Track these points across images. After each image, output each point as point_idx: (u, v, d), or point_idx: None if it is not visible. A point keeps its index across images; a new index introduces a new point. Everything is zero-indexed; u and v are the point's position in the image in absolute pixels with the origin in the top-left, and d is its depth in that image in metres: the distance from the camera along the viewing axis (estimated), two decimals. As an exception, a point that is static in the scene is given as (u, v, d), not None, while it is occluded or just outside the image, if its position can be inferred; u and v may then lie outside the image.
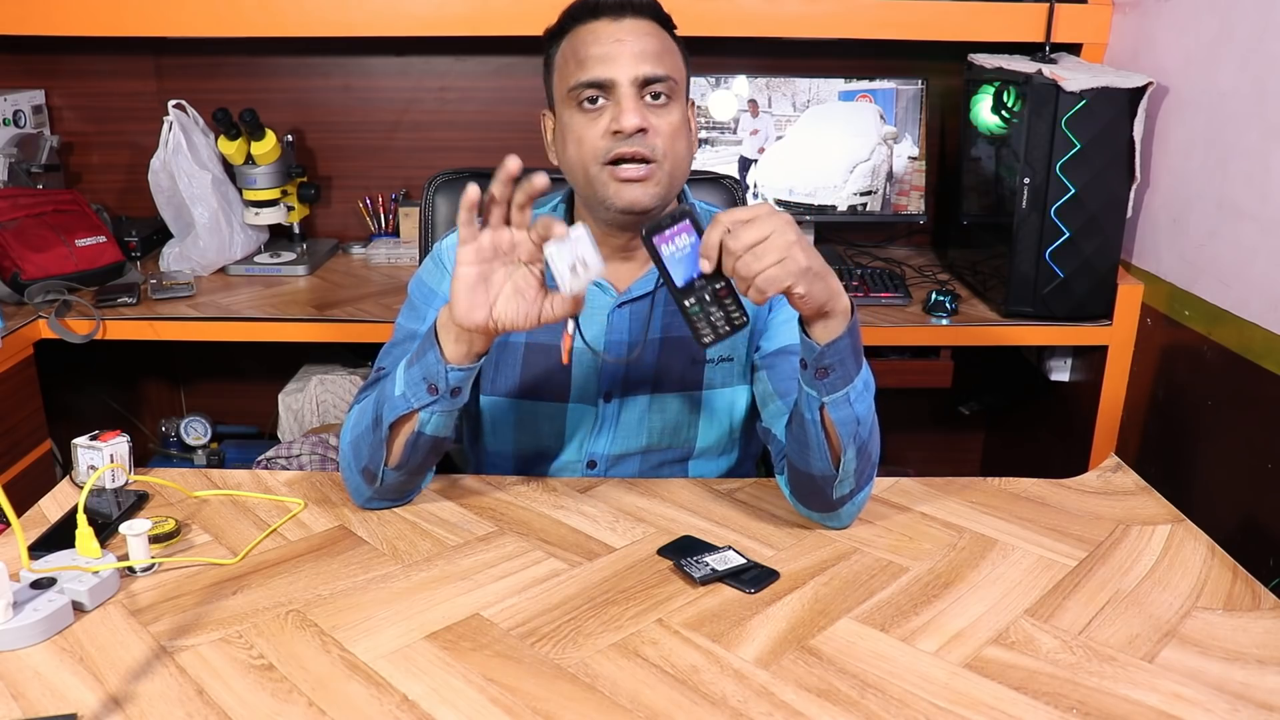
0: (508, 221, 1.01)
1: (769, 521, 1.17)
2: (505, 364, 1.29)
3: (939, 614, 0.99)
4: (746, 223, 0.96)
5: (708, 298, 0.98)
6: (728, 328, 0.99)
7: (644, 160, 1.14)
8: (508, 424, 1.31)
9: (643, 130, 1.13)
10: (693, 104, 1.25)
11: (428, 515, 1.17)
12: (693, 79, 2.24)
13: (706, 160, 2.28)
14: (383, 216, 2.47)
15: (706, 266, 0.97)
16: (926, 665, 0.91)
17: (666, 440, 1.30)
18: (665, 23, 1.20)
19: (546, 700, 0.86)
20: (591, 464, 1.31)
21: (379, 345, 1.28)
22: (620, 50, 1.14)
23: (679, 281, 0.98)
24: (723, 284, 0.98)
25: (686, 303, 0.99)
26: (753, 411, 1.31)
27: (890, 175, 2.30)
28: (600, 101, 1.15)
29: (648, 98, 1.15)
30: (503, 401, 1.30)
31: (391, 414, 1.10)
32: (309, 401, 2.38)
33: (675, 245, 0.98)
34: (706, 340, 1.00)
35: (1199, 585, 1.05)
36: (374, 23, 2.10)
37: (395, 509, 1.18)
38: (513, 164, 0.98)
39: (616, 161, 1.14)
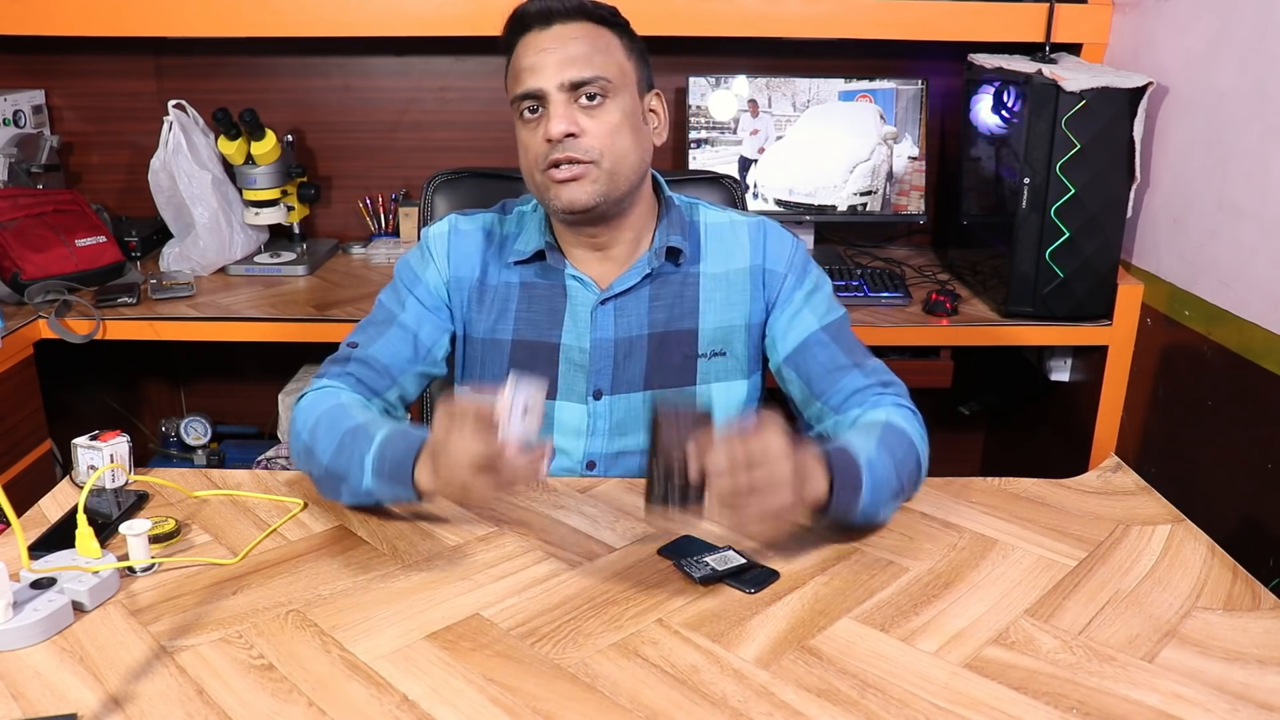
0: None
1: (769, 521, 1.17)
2: (491, 361, 1.29)
3: (939, 614, 0.99)
4: (750, 466, 0.93)
5: (676, 476, 0.96)
6: (679, 507, 0.97)
7: (577, 161, 1.16)
8: None
9: (572, 135, 1.16)
10: (658, 93, 1.26)
11: (428, 515, 1.17)
12: (692, 79, 2.28)
13: (706, 160, 2.28)
14: (383, 216, 2.47)
15: (694, 473, 0.94)
16: (926, 665, 0.91)
17: (664, 439, 1.31)
18: (603, 19, 1.20)
19: (546, 700, 0.86)
20: (591, 464, 1.31)
21: (378, 345, 1.28)
22: (546, 59, 1.16)
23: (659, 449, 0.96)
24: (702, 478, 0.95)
25: (656, 461, 0.96)
26: (750, 407, 1.32)
27: (890, 175, 2.30)
28: (538, 111, 1.18)
29: (582, 99, 1.17)
30: None
31: (352, 498, 1.12)
32: (309, 401, 2.38)
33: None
34: (653, 503, 0.97)
35: (1199, 585, 1.05)
36: (374, 23, 2.10)
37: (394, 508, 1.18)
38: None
39: (555, 165, 1.17)
